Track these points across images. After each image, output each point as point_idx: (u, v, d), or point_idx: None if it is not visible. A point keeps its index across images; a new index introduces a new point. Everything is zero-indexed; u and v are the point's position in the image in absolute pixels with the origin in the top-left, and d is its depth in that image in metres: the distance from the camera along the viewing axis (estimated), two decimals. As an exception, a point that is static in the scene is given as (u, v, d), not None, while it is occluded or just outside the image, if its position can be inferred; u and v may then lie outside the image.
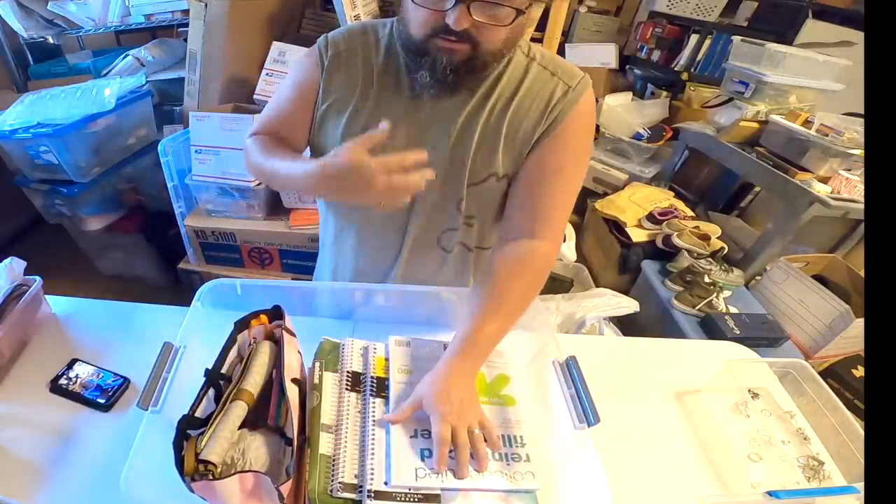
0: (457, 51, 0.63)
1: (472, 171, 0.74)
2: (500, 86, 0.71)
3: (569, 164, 0.73)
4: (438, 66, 0.64)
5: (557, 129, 0.71)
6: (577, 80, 0.72)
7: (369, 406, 0.66)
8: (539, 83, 0.72)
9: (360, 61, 0.74)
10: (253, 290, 0.78)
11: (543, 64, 0.73)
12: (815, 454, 0.80)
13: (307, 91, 0.76)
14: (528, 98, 0.71)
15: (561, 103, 0.70)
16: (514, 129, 0.72)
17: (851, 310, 1.53)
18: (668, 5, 2.88)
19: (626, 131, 2.65)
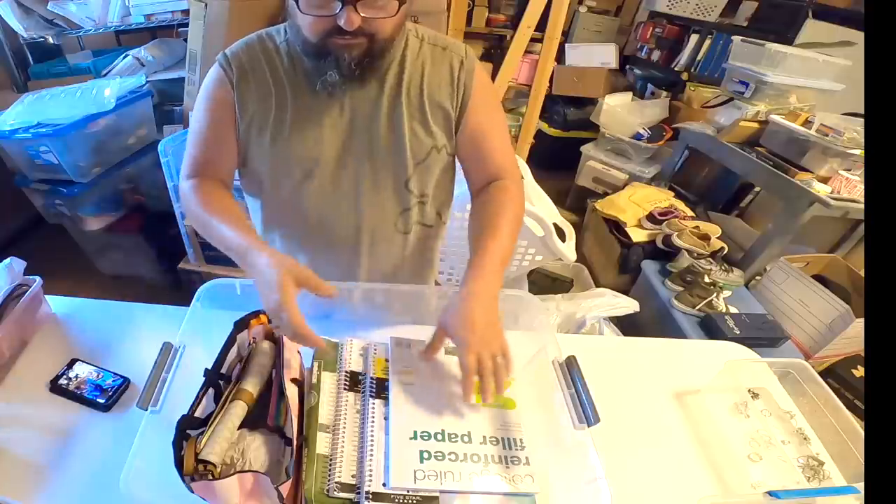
0: (355, 45, 0.66)
1: (414, 149, 0.78)
2: (407, 70, 0.76)
3: (492, 116, 0.82)
4: (342, 63, 0.67)
5: (470, 95, 0.79)
6: (464, 50, 0.80)
7: (369, 407, 0.66)
8: (438, 61, 0.78)
9: (266, 70, 0.74)
10: (253, 290, 0.77)
11: (433, 42, 0.79)
12: (815, 454, 0.80)
13: (223, 114, 0.75)
14: (435, 76, 0.77)
15: (462, 73, 0.78)
16: (435, 104, 0.78)
17: (851, 310, 1.53)
18: (668, 5, 2.87)
19: (626, 131, 2.65)
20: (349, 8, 0.61)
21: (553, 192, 1.66)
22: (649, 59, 3.13)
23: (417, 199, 0.84)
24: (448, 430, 0.65)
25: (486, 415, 0.68)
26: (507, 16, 3.45)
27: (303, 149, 0.76)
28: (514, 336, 0.79)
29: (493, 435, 0.66)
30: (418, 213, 0.86)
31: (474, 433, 0.65)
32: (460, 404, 0.68)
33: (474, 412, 0.68)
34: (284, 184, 0.80)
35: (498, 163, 0.83)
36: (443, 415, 0.67)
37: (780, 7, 2.46)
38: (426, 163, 0.80)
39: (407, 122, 0.76)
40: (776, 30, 2.42)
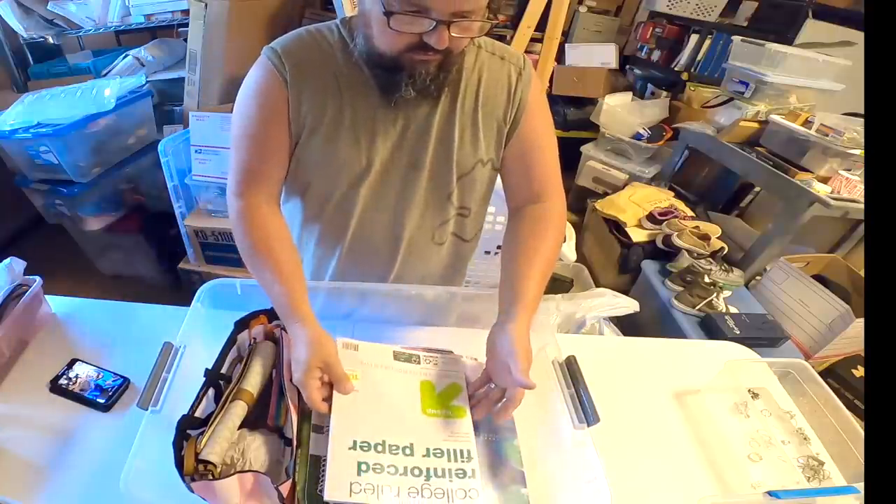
0: (433, 61, 0.65)
1: (459, 163, 0.76)
2: (464, 80, 0.74)
3: (544, 131, 0.80)
4: (419, 78, 0.65)
5: (525, 108, 0.77)
6: (522, 60, 0.77)
7: None
8: (495, 71, 0.76)
9: (322, 71, 0.70)
10: (253, 290, 0.78)
11: (490, 51, 0.77)
12: (815, 454, 0.80)
13: (277, 113, 0.70)
14: (491, 86, 0.75)
15: (520, 85, 0.76)
16: (489, 116, 0.76)
17: (851, 310, 1.53)
18: (668, 5, 2.87)
19: (626, 131, 2.65)
20: (442, 27, 0.58)
21: (553, 192, 1.66)
22: (649, 59, 3.13)
23: (457, 210, 0.82)
24: (389, 441, 0.62)
25: (431, 425, 0.65)
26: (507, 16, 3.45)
27: (355, 155, 0.73)
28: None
29: (438, 447, 0.63)
30: (455, 225, 0.85)
31: (417, 445, 0.62)
32: (404, 414, 0.66)
33: (419, 422, 0.65)
34: (330, 188, 0.77)
35: (543, 180, 0.79)
36: (385, 425, 0.64)
37: (780, 7, 2.46)
38: (470, 176, 0.78)
39: (458, 133, 0.74)
40: (776, 30, 2.41)
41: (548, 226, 0.77)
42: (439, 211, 0.81)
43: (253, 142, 0.72)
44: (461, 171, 0.77)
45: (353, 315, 0.91)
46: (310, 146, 0.73)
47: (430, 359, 0.75)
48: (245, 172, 0.73)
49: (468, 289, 0.96)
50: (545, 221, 0.77)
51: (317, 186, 0.78)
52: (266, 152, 0.72)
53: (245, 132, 0.72)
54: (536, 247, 0.74)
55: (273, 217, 0.74)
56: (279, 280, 0.67)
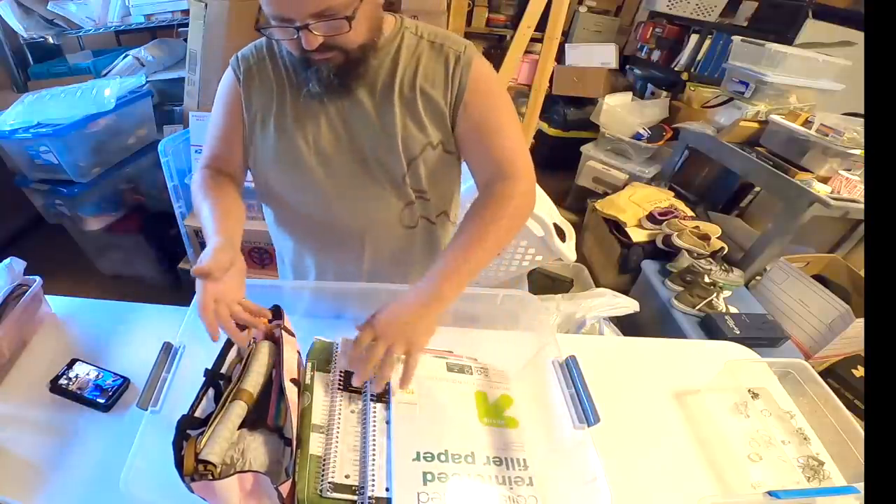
0: (330, 58, 0.68)
1: (406, 147, 0.78)
2: (400, 69, 0.76)
3: (497, 113, 0.79)
4: (323, 74, 0.70)
5: (467, 90, 0.77)
6: (462, 46, 0.78)
7: (370, 411, 0.65)
8: (433, 58, 0.77)
9: (270, 71, 0.78)
10: (252, 290, 0.78)
11: (431, 39, 0.78)
12: (815, 454, 0.80)
13: (233, 109, 0.80)
14: (429, 73, 0.77)
15: (458, 70, 0.76)
16: (429, 101, 0.77)
17: (851, 310, 1.53)
18: (668, 5, 2.87)
19: (626, 131, 2.65)
20: (304, 31, 0.63)
21: (553, 192, 1.66)
22: (649, 59, 3.13)
23: (417, 194, 0.84)
24: (452, 450, 0.63)
25: (487, 434, 0.67)
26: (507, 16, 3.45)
27: (301, 147, 0.78)
28: (515, 336, 0.79)
29: (496, 455, 0.65)
30: (422, 209, 0.86)
31: (478, 454, 0.64)
32: (463, 423, 0.67)
33: (478, 431, 0.67)
34: (284, 184, 0.83)
35: (500, 159, 0.79)
36: (446, 434, 0.65)
37: (780, 7, 2.46)
38: (421, 159, 0.80)
39: (399, 119, 0.76)
40: (776, 30, 2.42)
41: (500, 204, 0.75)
42: (397, 196, 0.83)
43: (214, 133, 0.83)
44: (409, 155, 0.79)
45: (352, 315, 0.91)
46: (262, 142, 0.80)
47: (480, 370, 0.77)
48: (210, 154, 0.84)
49: (468, 288, 0.96)
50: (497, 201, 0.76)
51: (273, 184, 0.84)
52: (224, 139, 0.83)
53: (211, 125, 0.84)
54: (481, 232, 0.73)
55: (228, 184, 0.82)
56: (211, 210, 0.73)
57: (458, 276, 0.70)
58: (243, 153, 0.83)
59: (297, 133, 0.78)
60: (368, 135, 0.77)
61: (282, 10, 0.62)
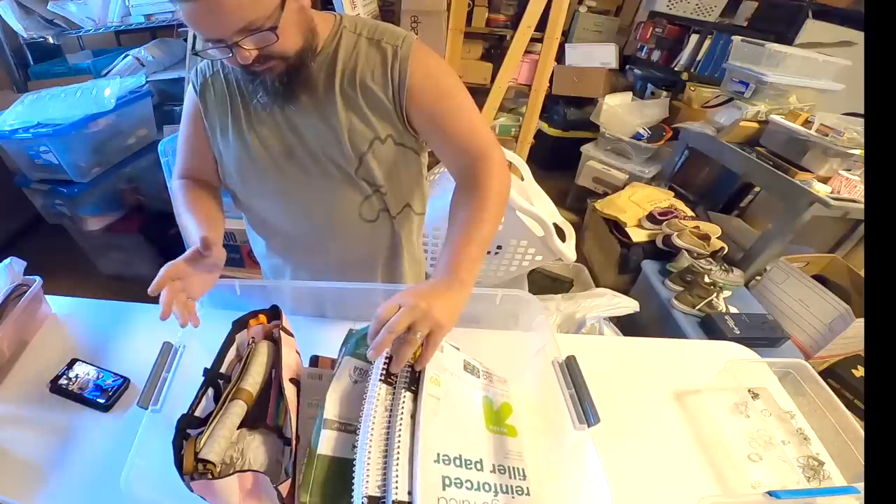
0: (272, 68, 0.70)
1: (353, 144, 0.79)
2: (339, 64, 0.76)
3: (446, 97, 0.79)
4: (267, 84, 0.72)
5: (409, 81, 0.76)
6: (401, 37, 0.77)
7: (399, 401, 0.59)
8: (372, 55, 0.77)
9: (223, 83, 0.81)
10: (252, 291, 0.78)
11: (370, 35, 0.78)
12: (815, 454, 0.80)
13: (195, 121, 0.83)
14: (367, 69, 0.76)
15: (396, 63, 0.76)
16: (371, 97, 0.77)
17: (851, 310, 1.53)
18: (668, 5, 2.87)
19: (626, 131, 2.65)
20: (237, 48, 0.64)
21: (553, 192, 1.66)
22: (649, 59, 3.13)
23: (373, 188, 0.85)
24: (464, 455, 0.61)
25: (493, 441, 0.66)
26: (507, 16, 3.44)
27: (259, 154, 0.81)
28: (515, 336, 0.79)
29: (501, 463, 0.64)
30: (379, 201, 0.87)
31: (485, 461, 0.63)
32: (473, 429, 0.66)
33: (485, 438, 0.66)
34: (249, 188, 0.86)
35: (465, 143, 0.79)
36: (459, 438, 0.63)
37: (780, 7, 2.46)
38: (370, 154, 0.80)
39: (343, 115, 0.77)
40: (776, 30, 2.42)
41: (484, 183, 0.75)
42: (353, 191, 0.84)
43: (181, 145, 0.87)
44: (358, 151, 0.79)
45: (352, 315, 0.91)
46: (225, 151, 0.83)
47: (485, 374, 0.75)
48: (182, 165, 0.88)
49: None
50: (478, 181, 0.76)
51: (238, 191, 0.88)
52: (195, 154, 0.86)
53: (181, 138, 0.87)
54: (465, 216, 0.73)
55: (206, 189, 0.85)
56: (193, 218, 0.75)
57: (469, 258, 0.68)
58: (211, 160, 0.86)
59: (253, 141, 0.80)
60: (316, 135, 0.79)
61: (206, 32, 0.63)
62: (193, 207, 0.78)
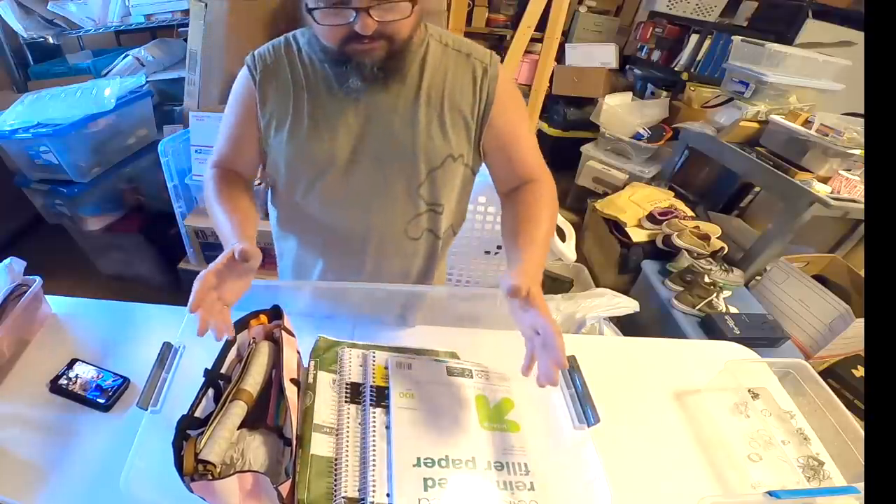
0: (375, 49, 0.66)
1: (428, 156, 0.77)
2: (427, 75, 0.75)
3: (518, 121, 0.82)
4: (364, 69, 0.68)
5: (493, 102, 0.77)
6: (488, 56, 0.78)
7: (369, 416, 0.65)
8: (461, 67, 0.77)
9: (288, 71, 0.76)
10: (252, 290, 0.78)
11: (457, 48, 0.77)
12: (815, 454, 0.80)
13: (246, 110, 0.78)
14: (457, 83, 0.76)
15: (485, 81, 0.77)
16: (456, 112, 0.77)
17: (851, 310, 1.53)
18: (668, 5, 2.87)
19: (626, 131, 2.65)
20: (363, 14, 0.61)
21: (553, 192, 1.66)
22: (649, 59, 3.13)
23: (428, 206, 0.83)
24: (452, 455, 0.63)
25: (488, 438, 0.67)
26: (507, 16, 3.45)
27: (316, 150, 0.76)
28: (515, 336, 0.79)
29: (497, 460, 0.64)
30: (428, 221, 0.85)
31: (479, 458, 0.64)
32: (464, 428, 0.67)
33: (478, 436, 0.67)
34: (296, 184, 0.81)
35: (528, 165, 0.82)
36: (446, 439, 0.65)
37: (780, 7, 2.46)
38: (441, 170, 0.79)
39: (424, 125, 0.75)
40: (776, 30, 2.42)
41: (539, 198, 0.79)
42: (409, 205, 0.82)
43: (227, 133, 0.82)
44: (430, 164, 0.78)
45: (352, 315, 0.91)
46: (276, 142, 0.78)
47: (480, 373, 0.77)
48: (222, 155, 0.83)
49: (469, 288, 0.96)
50: (535, 196, 0.79)
51: (286, 182, 0.82)
52: (236, 142, 0.81)
53: (223, 123, 0.82)
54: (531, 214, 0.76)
55: (238, 182, 0.81)
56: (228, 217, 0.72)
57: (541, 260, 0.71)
58: (256, 154, 0.82)
59: (312, 137, 0.76)
60: (392, 139, 0.76)
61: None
62: (230, 205, 0.74)
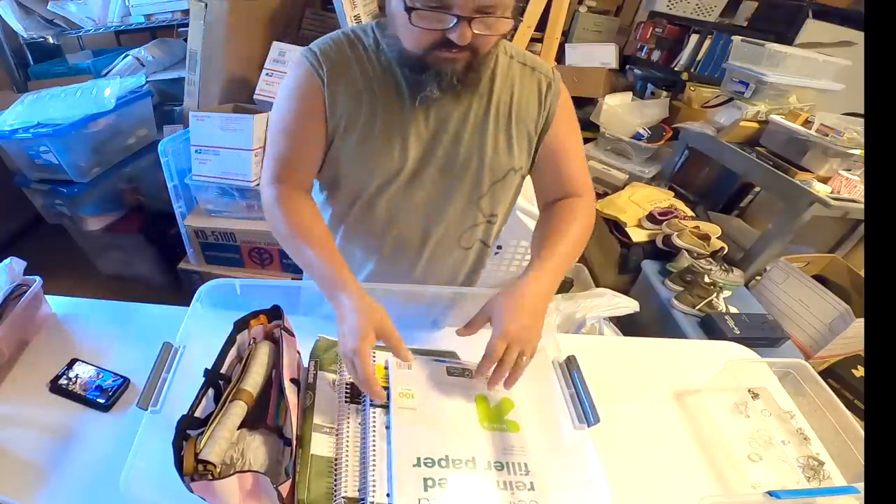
0: (459, 59, 0.64)
1: (493, 169, 0.77)
2: (497, 88, 0.75)
3: (570, 135, 0.82)
4: (444, 77, 0.65)
5: (554, 118, 0.79)
6: (552, 71, 0.80)
7: (369, 416, 0.65)
8: (527, 82, 0.77)
9: (357, 71, 0.71)
10: (252, 290, 0.78)
11: (522, 61, 0.78)
12: (815, 454, 0.80)
13: (313, 112, 0.72)
14: (524, 97, 0.77)
15: (549, 97, 0.78)
16: (522, 126, 0.77)
17: (851, 310, 1.53)
18: (668, 5, 2.87)
19: (626, 131, 2.65)
20: (464, 23, 0.59)
21: (553, 192, 1.66)
22: (649, 59, 3.13)
23: (486, 217, 0.83)
24: (452, 455, 0.63)
25: (488, 438, 0.67)
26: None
27: (387, 156, 0.74)
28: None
29: (497, 460, 0.64)
30: (483, 232, 0.86)
31: (479, 458, 0.63)
32: (464, 428, 0.67)
33: (479, 436, 0.66)
34: (361, 188, 0.78)
35: (574, 180, 0.82)
36: (446, 439, 0.65)
37: (780, 7, 2.46)
38: (502, 182, 0.79)
39: (492, 138, 0.75)
40: (776, 30, 2.41)
41: (575, 213, 0.79)
42: (468, 215, 0.82)
43: (290, 137, 0.74)
44: (494, 177, 0.78)
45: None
46: (344, 145, 0.74)
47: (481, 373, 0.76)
48: (281, 162, 0.75)
49: (469, 288, 0.96)
50: (573, 210, 0.80)
51: (347, 185, 0.79)
52: (302, 146, 0.75)
53: (283, 128, 0.74)
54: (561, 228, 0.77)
55: (307, 201, 0.76)
56: (320, 256, 0.68)
57: (560, 272, 0.73)
58: (321, 156, 0.76)
59: (384, 143, 0.73)
60: (460, 150, 0.75)
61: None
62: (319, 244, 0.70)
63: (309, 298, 0.91)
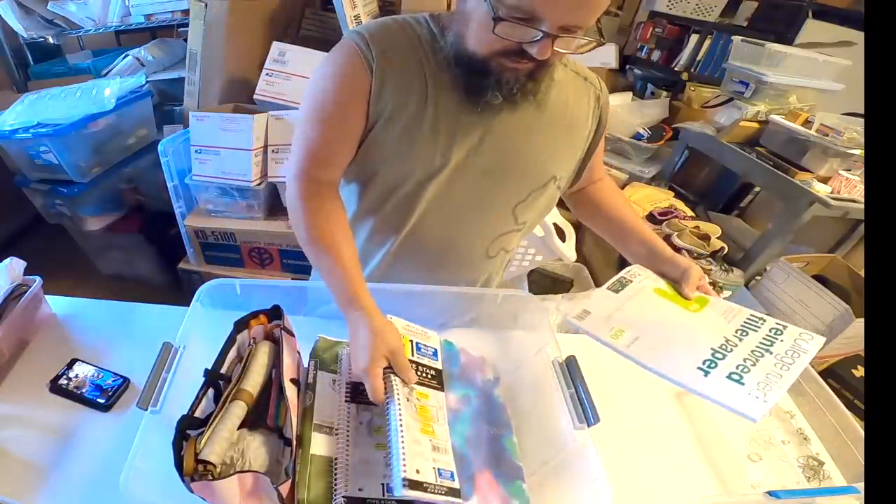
0: (523, 69, 0.63)
1: (536, 176, 0.77)
2: (552, 97, 0.73)
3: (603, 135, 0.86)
4: (505, 85, 0.64)
5: (602, 128, 0.82)
6: (599, 82, 0.81)
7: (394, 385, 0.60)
8: (579, 91, 0.78)
9: (409, 62, 0.67)
10: (253, 290, 0.78)
11: (574, 70, 0.78)
12: (815, 454, 0.80)
13: (356, 98, 0.68)
14: (577, 108, 0.77)
15: (598, 107, 0.80)
16: (574, 136, 0.78)
17: (851, 310, 1.53)
18: (668, 5, 2.87)
19: (626, 131, 2.65)
20: (548, 40, 0.56)
21: (553, 192, 1.66)
22: (649, 59, 3.13)
23: (516, 226, 0.82)
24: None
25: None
26: (507, 16, 3.44)
27: (431, 152, 0.70)
28: (515, 336, 0.79)
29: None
30: (508, 240, 0.85)
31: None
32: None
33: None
34: (397, 183, 0.74)
35: (600, 169, 0.92)
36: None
37: (780, 7, 2.46)
38: (540, 191, 0.78)
39: (542, 146, 0.74)
40: (776, 30, 2.41)
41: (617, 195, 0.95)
42: (500, 222, 0.81)
43: (325, 124, 0.70)
44: (534, 185, 0.77)
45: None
46: (384, 136, 0.70)
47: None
48: (312, 154, 0.70)
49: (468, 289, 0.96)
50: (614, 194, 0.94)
51: (383, 179, 0.75)
52: (337, 136, 0.70)
53: (318, 113, 0.70)
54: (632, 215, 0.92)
55: (334, 202, 0.72)
56: (340, 267, 0.65)
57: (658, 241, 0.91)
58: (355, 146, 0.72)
59: (430, 139, 0.70)
60: (508, 155, 0.73)
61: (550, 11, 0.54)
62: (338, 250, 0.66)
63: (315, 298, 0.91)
